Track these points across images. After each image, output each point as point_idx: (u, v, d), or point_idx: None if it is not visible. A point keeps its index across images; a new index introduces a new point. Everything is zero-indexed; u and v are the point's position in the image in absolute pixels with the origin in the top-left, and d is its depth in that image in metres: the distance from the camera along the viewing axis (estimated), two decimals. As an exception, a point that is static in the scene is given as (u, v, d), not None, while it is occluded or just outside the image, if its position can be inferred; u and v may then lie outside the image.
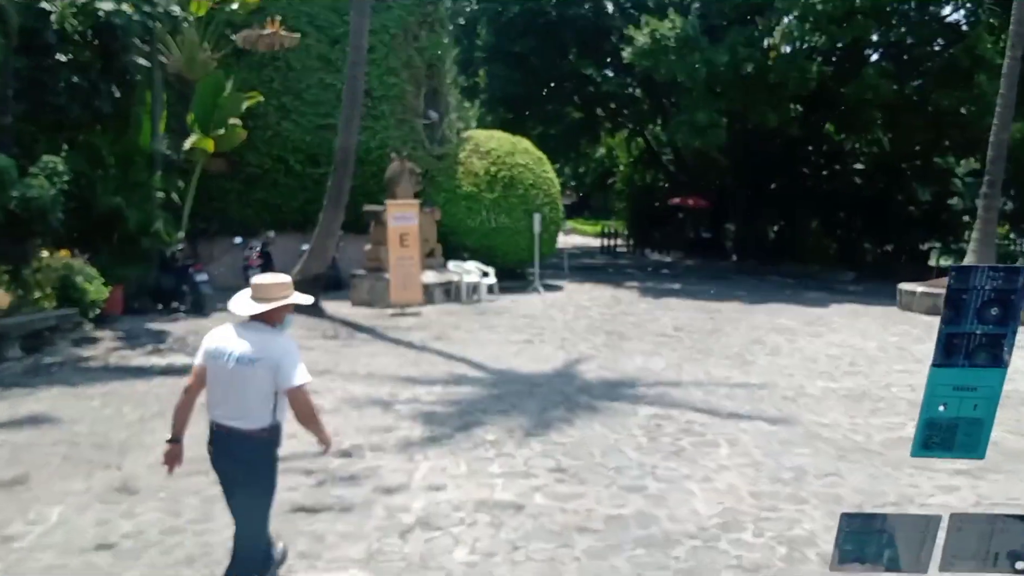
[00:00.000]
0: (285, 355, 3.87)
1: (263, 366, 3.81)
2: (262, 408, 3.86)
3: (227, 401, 3.89)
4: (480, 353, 11.24)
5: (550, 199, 19.57)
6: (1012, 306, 1.88)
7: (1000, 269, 1.86)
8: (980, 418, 1.99)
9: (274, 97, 18.61)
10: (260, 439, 3.89)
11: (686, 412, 8.01)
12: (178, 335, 12.68)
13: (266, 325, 4.00)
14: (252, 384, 3.83)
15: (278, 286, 4.05)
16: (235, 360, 3.85)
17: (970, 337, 1.89)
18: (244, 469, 3.93)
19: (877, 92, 18.78)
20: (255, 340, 3.90)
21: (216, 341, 4.00)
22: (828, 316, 15.22)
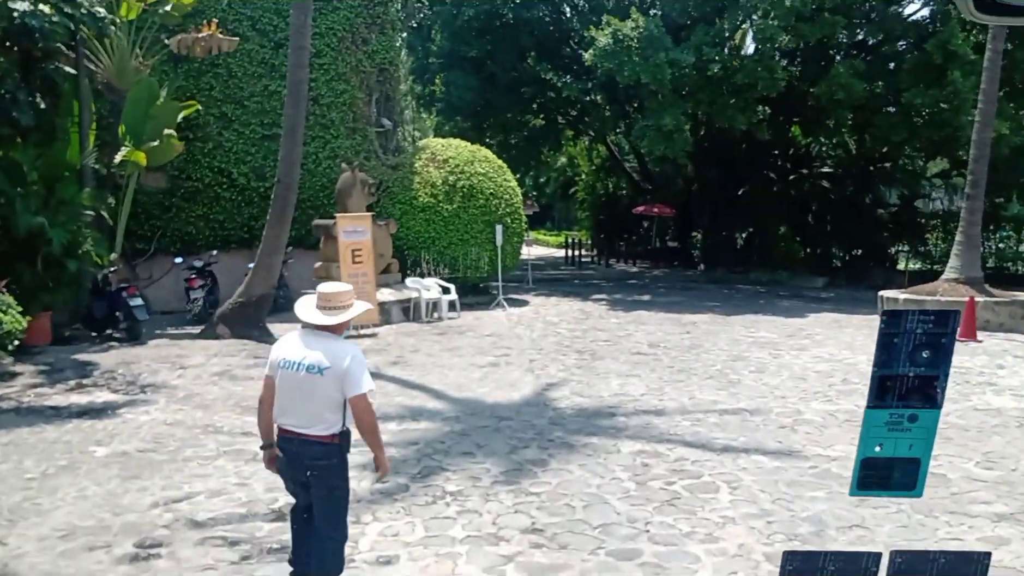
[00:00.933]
0: (353, 362, 3.89)
1: (332, 374, 3.86)
2: (333, 415, 3.93)
3: (298, 409, 3.96)
4: (441, 380, 10.18)
5: (512, 209, 18.59)
6: (943, 349, 1.85)
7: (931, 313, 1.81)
8: (916, 457, 1.95)
9: (214, 106, 17.41)
10: (332, 445, 3.97)
11: (675, 447, 7.03)
12: (107, 367, 11.42)
13: (332, 333, 4.05)
14: (322, 392, 3.90)
15: (346, 294, 4.13)
16: (305, 369, 3.92)
17: (903, 379, 1.85)
18: (318, 475, 4.00)
19: (848, 91, 18.12)
20: (323, 348, 3.94)
21: (284, 351, 4.07)
22: (809, 327, 14.41)
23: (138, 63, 16.25)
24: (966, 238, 14.72)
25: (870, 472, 2.11)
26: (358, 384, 3.88)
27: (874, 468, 2.10)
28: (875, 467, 2.09)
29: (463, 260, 17.91)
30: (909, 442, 2.04)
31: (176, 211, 17.61)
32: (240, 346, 13.06)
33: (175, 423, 8.26)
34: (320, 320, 4.04)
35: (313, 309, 4.11)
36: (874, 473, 2.11)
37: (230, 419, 8.39)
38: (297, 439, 3.99)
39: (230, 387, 9.95)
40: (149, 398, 9.42)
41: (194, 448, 7.36)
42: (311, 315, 4.08)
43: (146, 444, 7.52)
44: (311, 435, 3.96)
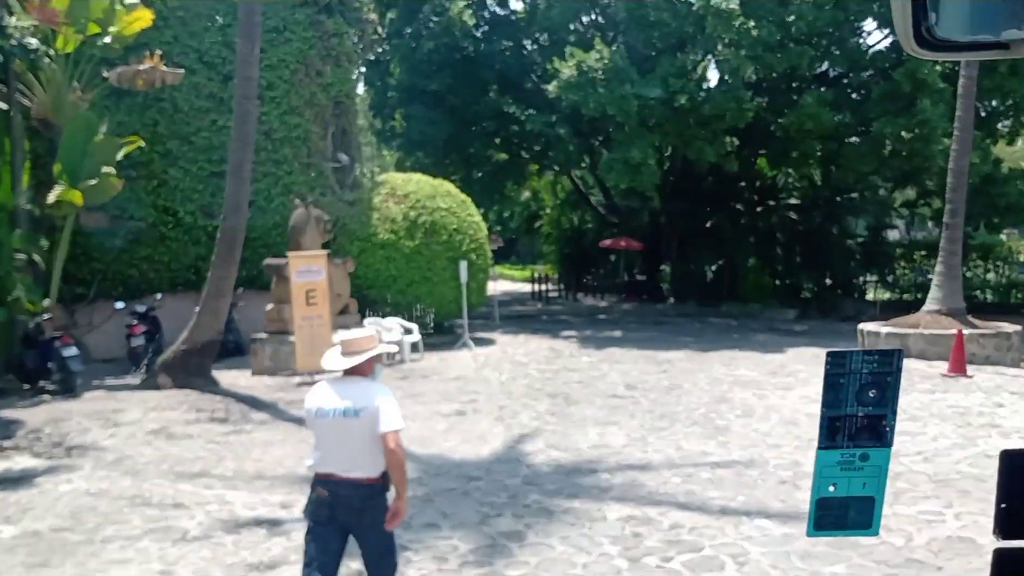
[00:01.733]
0: (383, 402, 4.00)
1: (367, 415, 3.93)
2: (373, 456, 3.98)
3: (340, 455, 4.01)
4: (403, 432, 9.25)
5: (477, 244, 17.82)
6: (889, 387, 1.65)
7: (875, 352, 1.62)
8: (871, 495, 1.67)
9: (159, 142, 16.45)
10: (375, 486, 4.04)
11: (668, 511, 6.21)
12: (32, 426, 10.34)
13: (361, 377, 4.11)
14: (359, 434, 3.96)
15: (366, 339, 4.20)
16: (340, 414, 3.97)
17: (851, 419, 1.67)
18: (365, 516, 4.06)
19: (817, 121, 17.75)
20: (354, 392, 4.02)
21: (317, 401, 4.09)
22: (789, 364, 13.76)
23: (76, 97, 15.29)
24: (946, 268, 14.24)
25: (826, 512, 1.93)
26: (389, 421, 3.96)
27: (829, 508, 1.93)
28: (830, 507, 1.94)
29: (426, 298, 17.07)
30: (862, 480, 1.87)
31: (118, 253, 16.54)
32: (182, 397, 12.03)
33: (99, 493, 7.26)
34: (343, 364, 4.10)
35: (337, 356, 4.17)
36: (830, 513, 1.93)
37: (161, 488, 7.40)
38: (345, 483, 4.01)
39: (165, 447, 8.95)
40: (74, 463, 8.39)
41: (116, 525, 6.38)
42: (335, 362, 4.16)
43: (62, 521, 6.52)
44: (357, 478, 4.01)
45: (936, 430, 8.71)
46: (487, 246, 18.74)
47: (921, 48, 1.09)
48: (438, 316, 17.51)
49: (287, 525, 6.23)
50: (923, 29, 1.07)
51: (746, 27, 16.65)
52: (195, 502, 6.91)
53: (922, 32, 1.08)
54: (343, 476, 4.01)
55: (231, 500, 6.96)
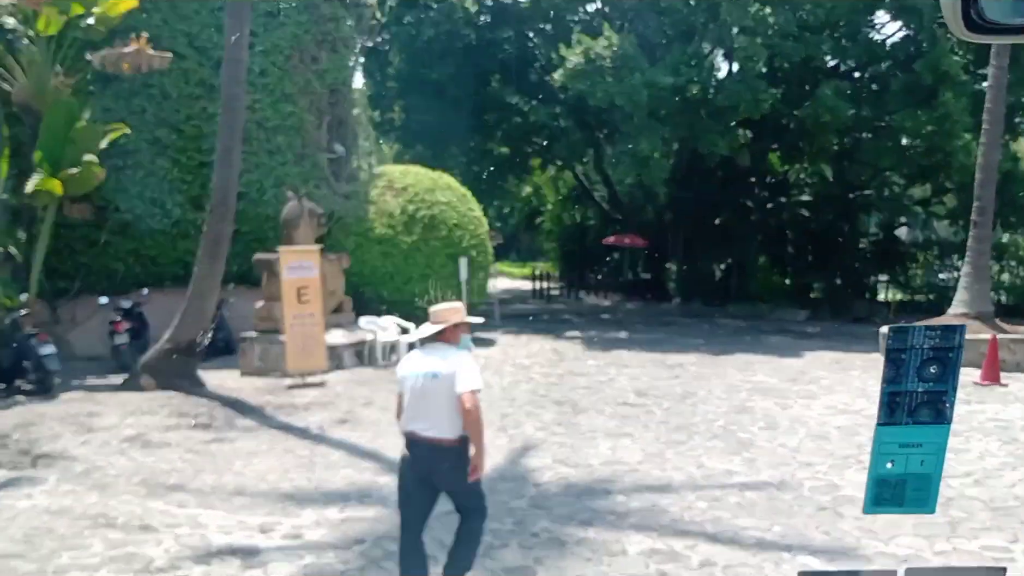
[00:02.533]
0: (462, 366, 4.34)
1: (448, 379, 4.29)
2: (453, 419, 4.31)
3: (422, 415, 4.39)
4: (396, 443, 8.44)
5: (477, 240, 17.07)
6: (951, 363, 1.79)
7: (937, 328, 1.75)
8: (928, 473, 1.85)
9: (147, 130, 15.66)
10: (453, 448, 4.36)
11: (696, 543, 5.49)
12: (1, 430, 9.61)
13: (446, 345, 4.47)
14: (441, 397, 4.30)
15: (450, 310, 4.56)
16: (424, 377, 4.36)
17: (911, 395, 1.80)
18: (444, 473, 4.42)
19: (835, 114, 16.99)
20: (438, 358, 4.40)
21: (407, 367, 4.55)
22: (809, 369, 13.03)
23: (59, 82, 14.53)
24: (974, 269, 13.50)
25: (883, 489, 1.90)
26: (465, 382, 4.27)
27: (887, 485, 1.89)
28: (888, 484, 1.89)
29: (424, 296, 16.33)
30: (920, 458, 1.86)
31: (103, 246, 15.79)
32: (164, 400, 11.28)
33: (60, 512, 6.53)
34: (429, 332, 4.49)
35: (428, 325, 4.53)
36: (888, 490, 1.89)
37: (130, 505, 6.67)
38: (426, 443, 4.40)
39: (140, 458, 8.22)
40: (38, 475, 7.66)
41: (74, 552, 5.66)
42: (422, 331, 4.58)
43: (13, 546, 5.79)
44: (434, 438, 4.36)
45: (980, 447, 7.99)
46: (488, 242, 17.99)
47: (971, 31, 1.11)
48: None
49: (264, 555, 5.51)
50: (972, 12, 1.08)
51: (762, 14, 15.90)
52: (165, 524, 6.19)
53: (971, 15, 1.09)
54: (422, 435, 4.41)
55: (205, 522, 6.23)
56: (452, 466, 4.40)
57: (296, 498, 6.76)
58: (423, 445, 4.39)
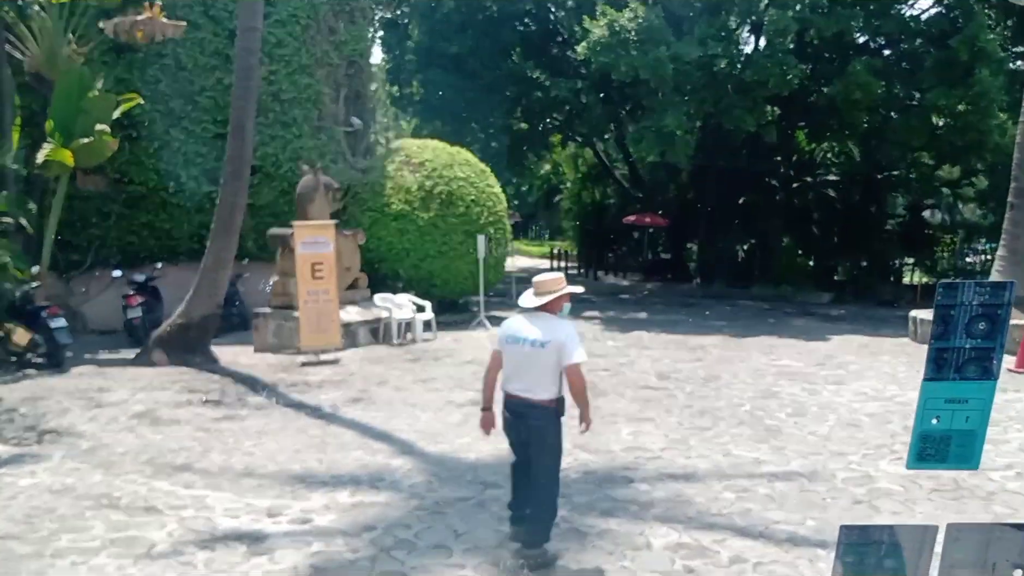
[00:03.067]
0: (567, 338, 4.61)
1: (551, 347, 4.58)
2: (550, 382, 4.65)
3: (522, 377, 4.71)
4: (411, 425, 8.30)
5: (496, 218, 16.72)
6: (999, 320, 1.88)
7: (987, 285, 1.84)
8: (972, 429, 1.97)
9: (161, 101, 15.41)
10: (548, 408, 4.69)
11: (725, 537, 5.19)
12: (10, 404, 9.45)
13: (549, 314, 4.77)
14: (542, 362, 4.62)
15: (553, 281, 4.81)
16: (528, 343, 4.65)
17: (959, 351, 1.88)
18: (536, 433, 4.73)
19: (866, 91, 16.43)
20: (543, 326, 4.68)
21: (511, 329, 4.81)
22: (837, 353, 12.65)
23: (71, 51, 14.29)
24: (1010, 252, 13.01)
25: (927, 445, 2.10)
26: (571, 355, 4.58)
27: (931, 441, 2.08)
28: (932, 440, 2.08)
29: (440, 274, 16.05)
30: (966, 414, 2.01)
31: (117, 219, 15.60)
32: (176, 376, 11.10)
33: (62, 491, 6.32)
34: (534, 303, 4.75)
35: (530, 296, 4.79)
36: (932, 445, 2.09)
37: (134, 485, 6.45)
38: (522, 402, 4.73)
39: (148, 435, 8.00)
40: (43, 451, 7.46)
41: (74, 534, 5.44)
42: (527, 300, 4.81)
43: (13, 526, 5.58)
44: (534, 399, 4.68)
45: (1020, 437, 7.63)
46: (506, 219, 17.64)
47: None
48: (452, 293, 16.49)
49: (270, 541, 5.26)
50: None
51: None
52: (169, 505, 5.96)
53: None
54: (521, 396, 4.75)
55: (211, 504, 5.99)
56: (538, 423, 4.72)
57: (306, 480, 6.51)
58: (522, 404, 4.75)
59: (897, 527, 2.20)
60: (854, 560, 2.26)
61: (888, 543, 2.25)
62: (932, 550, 2.12)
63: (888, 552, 2.25)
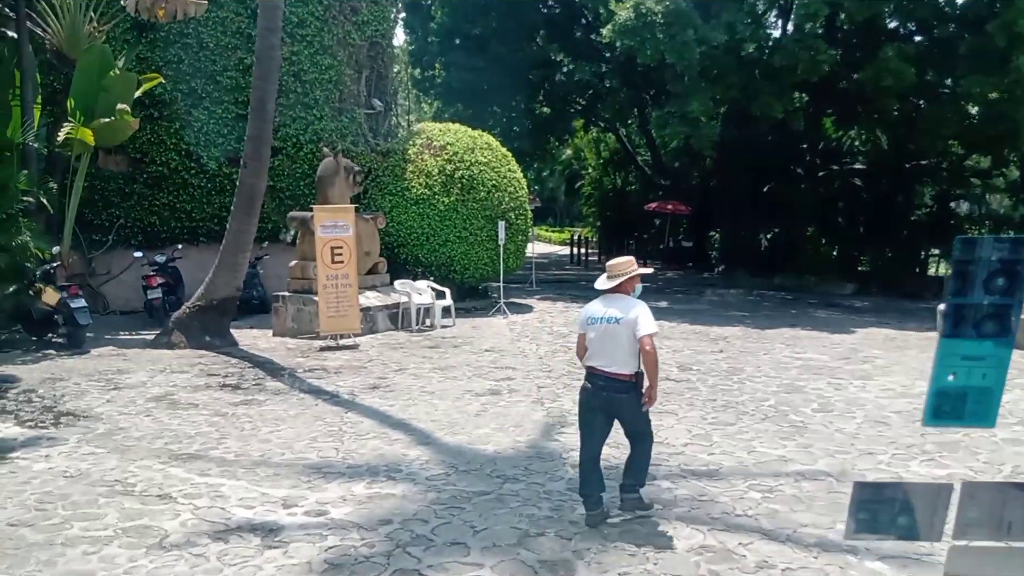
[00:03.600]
0: (640, 313, 5.05)
1: (626, 324, 5.02)
2: (630, 356, 5.06)
3: (605, 353, 5.13)
4: (429, 414, 8.18)
5: (517, 203, 16.54)
6: (1018, 277, 1.83)
7: (1006, 240, 1.80)
8: (989, 387, 1.97)
9: (183, 80, 15.35)
10: (629, 382, 5.10)
11: (751, 540, 5.02)
12: (27, 385, 9.45)
13: (623, 294, 5.22)
14: (620, 339, 5.05)
15: (624, 264, 5.27)
16: (605, 321, 5.11)
17: (977, 308, 1.86)
18: (619, 404, 5.17)
19: (897, 77, 16.03)
20: (618, 306, 5.14)
21: (590, 312, 5.26)
22: (862, 347, 12.39)
23: (93, 28, 14.22)
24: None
25: (944, 402, 2.10)
26: (645, 327, 4.97)
27: (947, 398, 2.08)
28: (949, 397, 2.08)
29: (460, 260, 15.90)
30: (982, 371, 1.98)
31: (138, 199, 15.59)
32: (195, 358, 11.07)
33: (77, 476, 6.27)
34: (608, 285, 5.21)
35: (604, 279, 5.26)
36: (948, 402, 2.09)
37: (150, 471, 6.38)
38: (604, 376, 5.13)
39: (165, 419, 7.95)
40: (59, 434, 7.42)
41: (86, 523, 5.36)
42: (602, 283, 5.26)
43: (25, 512, 5.53)
44: (615, 373, 5.09)
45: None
46: (527, 205, 17.45)
47: None
48: (472, 279, 16.35)
49: (285, 533, 5.16)
50: None
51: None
52: (184, 494, 5.88)
53: None
54: (603, 370, 5.15)
55: (226, 493, 5.91)
56: (627, 397, 5.12)
57: (322, 470, 6.41)
58: (603, 377, 5.14)
59: (911, 485, 2.18)
60: (868, 517, 2.21)
61: (902, 501, 2.21)
62: (947, 508, 2.07)
63: (902, 510, 2.22)
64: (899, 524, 2.24)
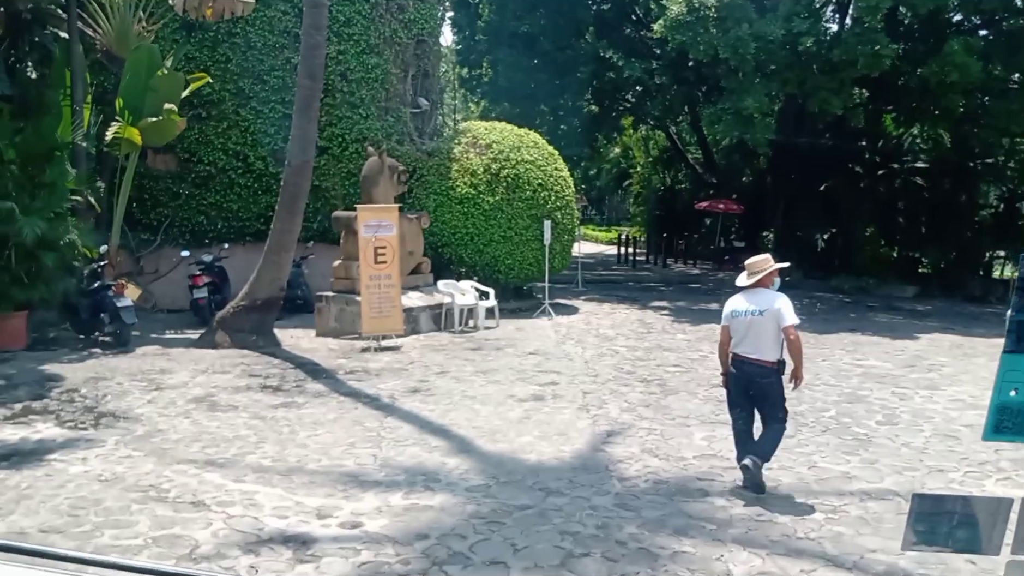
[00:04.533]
0: (781, 306, 5.70)
1: (770, 316, 5.69)
2: (772, 346, 5.74)
3: (748, 342, 5.80)
4: (470, 420, 7.92)
5: (563, 202, 16.19)
6: None
7: None
8: None
9: (230, 80, 15.35)
10: (771, 368, 5.77)
11: (814, 567, 4.64)
12: (71, 384, 9.42)
13: (763, 288, 5.89)
14: (763, 329, 5.73)
15: (761, 261, 5.95)
16: (749, 314, 5.78)
17: None
18: (762, 388, 5.84)
19: (963, 72, 15.31)
20: (760, 299, 5.81)
21: (733, 306, 5.92)
22: (927, 354, 11.81)
23: (141, 28, 14.29)
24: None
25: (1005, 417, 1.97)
26: (787, 318, 5.65)
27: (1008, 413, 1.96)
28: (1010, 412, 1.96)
29: (505, 260, 15.62)
30: None
31: (186, 198, 15.64)
32: (238, 359, 10.98)
33: (112, 480, 6.14)
34: (748, 281, 5.90)
35: (744, 277, 5.95)
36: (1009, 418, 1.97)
37: (185, 475, 6.23)
38: (749, 362, 5.82)
39: (204, 422, 7.82)
40: (98, 436, 7.33)
41: (117, 530, 5.21)
42: (743, 280, 5.96)
43: (57, 519, 5.39)
44: (761, 360, 5.77)
45: None
46: (574, 204, 17.10)
47: None
48: (516, 279, 16.06)
49: (318, 546, 4.93)
50: None
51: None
52: (218, 501, 5.70)
53: None
54: (750, 356, 5.79)
55: (260, 501, 5.72)
56: (769, 382, 5.77)
57: (359, 478, 6.19)
58: (748, 364, 5.79)
59: (971, 497, 2.13)
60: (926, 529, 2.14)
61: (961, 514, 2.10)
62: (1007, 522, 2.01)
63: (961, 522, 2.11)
64: (958, 537, 2.07)
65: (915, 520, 2.12)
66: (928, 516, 2.11)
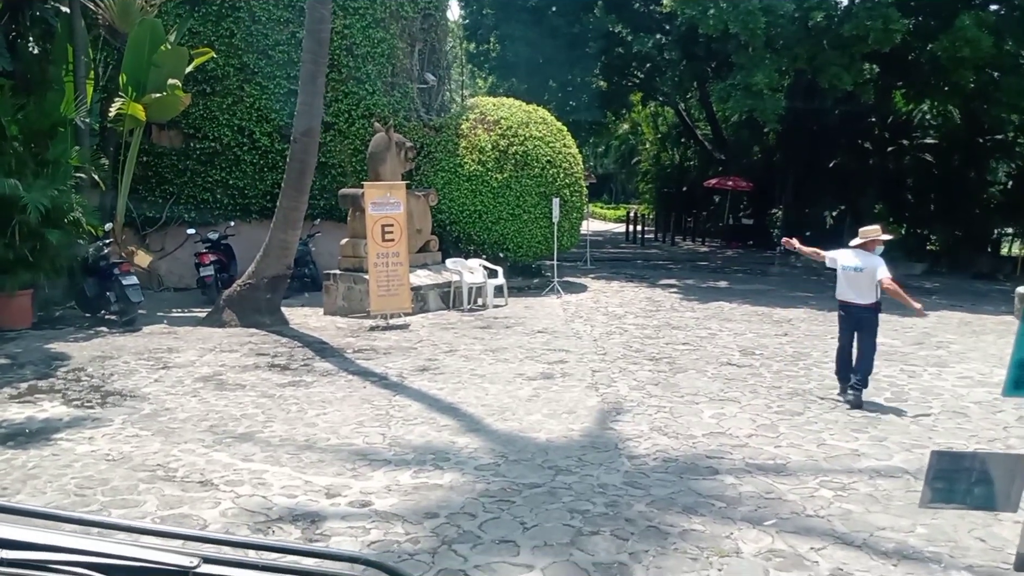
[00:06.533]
0: (878, 265, 7.40)
1: (867, 272, 7.45)
2: (871, 292, 7.51)
3: (852, 290, 7.63)
4: (479, 398, 7.91)
5: (572, 180, 16.08)
6: None
7: None
8: None
9: (235, 55, 15.25)
10: (871, 308, 7.60)
11: (824, 544, 4.62)
12: (77, 363, 9.42)
13: (867, 251, 7.58)
14: (863, 282, 7.52)
15: (871, 231, 7.66)
16: (852, 269, 7.56)
17: None
18: (862, 323, 7.65)
19: (975, 48, 15.09)
20: (862, 258, 7.53)
21: (843, 259, 7.66)
22: (935, 331, 11.75)
23: (144, 2, 14.17)
24: None
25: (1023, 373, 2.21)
26: (881, 273, 7.35)
27: None
28: None
29: (513, 238, 15.55)
30: None
31: (191, 175, 15.59)
32: (245, 337, 10.98)
33: (119, 460, 6.13)
34: (855, 242, 7.65)
35: (856, 240, 7.66)
36: None
37: (192, 455, 6.23)
38: (853, 306, 7.67)
39: (212, 400, 7.82)
40: (104, 414, 7.33)
41: (124, 509, 5.21)
42: (854, 242, 7.67)
43: (64, 498, 5.39)
44: (862, 303, 7.60)
45: None
46: (583, 182, 16.99)
47: None
48: (525, 257, 16.00)
49: (326, 525, 4.93)
50: None
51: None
52: (225, 480, 5.70)
53: None
54: (853, 301, 7.61)
55: (268, 480, 5.71)
56: (867, 316, 7.58)
57: (368, 457, 6.18)
58: (854, 306, 7.63)
59: (989, 454, 2.13)
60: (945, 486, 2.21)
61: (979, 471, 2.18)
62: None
63: (979, 480, 2.19)
64: (975, 494, 2.20)
65: (933, 477, 2.30)
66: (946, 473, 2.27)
